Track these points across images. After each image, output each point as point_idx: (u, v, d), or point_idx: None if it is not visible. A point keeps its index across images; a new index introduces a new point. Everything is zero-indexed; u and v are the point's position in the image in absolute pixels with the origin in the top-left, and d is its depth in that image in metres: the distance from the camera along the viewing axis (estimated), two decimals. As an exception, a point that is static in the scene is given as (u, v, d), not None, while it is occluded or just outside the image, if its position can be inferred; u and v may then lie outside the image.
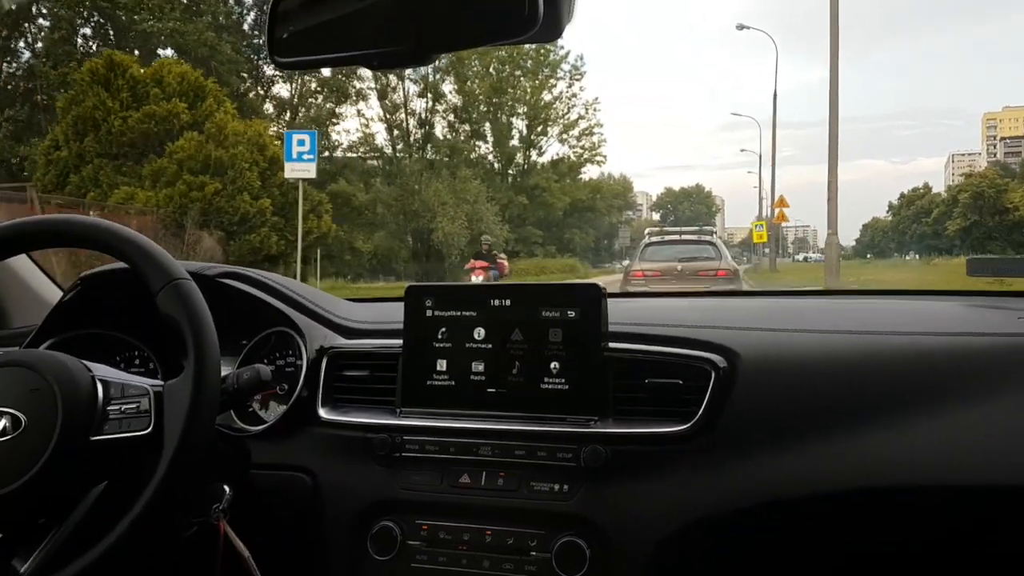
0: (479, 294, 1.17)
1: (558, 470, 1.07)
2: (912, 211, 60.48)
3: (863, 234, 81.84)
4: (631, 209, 67.96)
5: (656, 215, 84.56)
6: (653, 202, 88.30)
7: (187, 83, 18.03)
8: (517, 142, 38.11)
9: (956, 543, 1.06)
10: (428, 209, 27.98)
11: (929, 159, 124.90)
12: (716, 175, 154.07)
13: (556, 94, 37.76)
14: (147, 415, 0.92)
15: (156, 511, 0.87)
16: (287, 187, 17.35)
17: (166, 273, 0.95)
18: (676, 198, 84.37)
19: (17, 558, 0.89)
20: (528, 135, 38.13)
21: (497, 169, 37.81)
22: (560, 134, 38.89)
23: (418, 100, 33.83)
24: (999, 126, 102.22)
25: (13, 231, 1.02)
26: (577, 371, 1.11)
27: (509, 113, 37.09)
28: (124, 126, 17.09)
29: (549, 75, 37.11)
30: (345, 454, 1.17)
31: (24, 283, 1.62)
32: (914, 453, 0.98)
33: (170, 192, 16.47)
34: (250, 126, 18.89)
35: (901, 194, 66.31)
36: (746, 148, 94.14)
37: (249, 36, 29.11)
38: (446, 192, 28.41)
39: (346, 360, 1.23)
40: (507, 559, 1.07)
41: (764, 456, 1.03)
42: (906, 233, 60.52)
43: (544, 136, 38.43)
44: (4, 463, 0.87)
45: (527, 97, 37.01)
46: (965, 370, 1.03)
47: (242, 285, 1.32)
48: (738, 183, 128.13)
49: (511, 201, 35.26)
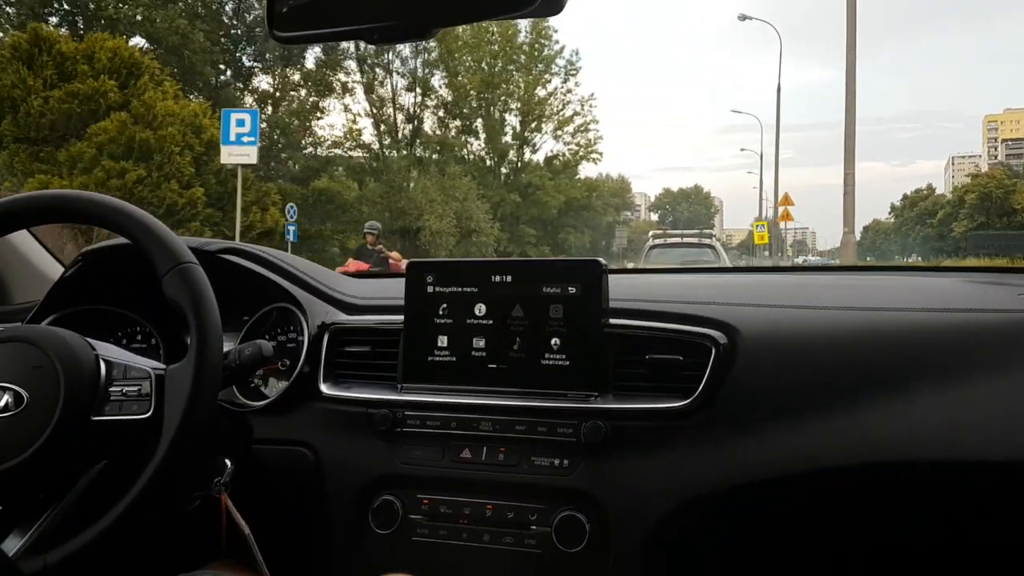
0: (480, 270, 1.17)
1: (558, 445, 1.08)
2: (916, 212, 59.52)
3: (863, 236, 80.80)
4: (629, 210, 66.82)
5: (654, 216, 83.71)
6: (651, 203, 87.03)
7: (119, 59, 16.01)
8: (510, 138, 36.99)
9: (957, 519, 1.06)
10: (415, 207, 26.97)
11: (928, 161, 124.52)
12: (715, 176, 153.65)
13: (551, 90, 36.85)
14: (148, 399, 0.92)
15: (154, 492, 0.87)
16: (226, 175, 15.58)
17: (173, 256, 0.95)
18: (674, 199, 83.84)
19: (15, 533, 0.90)
20: (521, 131, 37.00)
21: (489, 166, 36.60)
22: (555, 130, 37.82)
23: (407, 94, 32.60)
24: (1000, 128, 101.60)
25: (17, 205, 1.01)
26: (578, 347, 1.11)
27: (502, 109, 36.04)
28: (44, 107, 15.00)
29: (543, 70, 36.09)
30: (347, 429, 1.18)
31: (25, 259, 1.62)
32: (915, 429, 0.99)
33: (86, 180, 14.27)
34: (185, 106, 16.90)
35: (904, 195, 65.35)
36: (746, 148, 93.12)
37: (228, 26, 27.14)
38: (434, 189, 27.47)
39: (347, 336, 1.24)
40: (507, 533, 1.08)
41: (765, 432, 1.03)
42: (909, 235, 59.62)
43: (538, 133, 37.45)
44: (5, 439, 0.87)
45: (520, 92, 35.98)
46: (966, 346, 1.03)
47: (243, 261, 1.32)
48: (737, 184, 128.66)
49: (503, 199, 34.20)
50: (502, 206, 33.74)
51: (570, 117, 37.58)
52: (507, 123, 36.70)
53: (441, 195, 27.27)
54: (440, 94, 33.86)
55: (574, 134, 38.14)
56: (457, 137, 34.90)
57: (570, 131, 38.07)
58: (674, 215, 79.96)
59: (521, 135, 37.05)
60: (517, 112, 36.49)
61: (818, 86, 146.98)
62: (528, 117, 36.55)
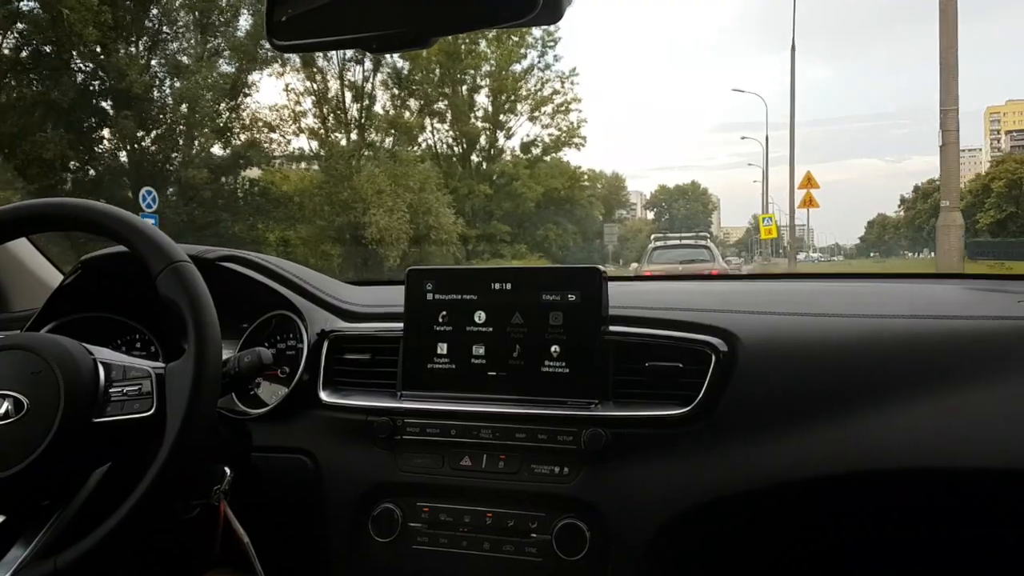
0: (480, 278, 1.17)
1: (559, 453, 1.08)
2: (929, 204, 53.70)
3: (868, 231, 76.74)
4: (624, 208, 64.61)
5: (650, 214, 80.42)
6: (647, 200, 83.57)
7: None
8: (480, 122, 31.26)
9: (955, 527, 1.06)
10: (360, 199, 21.59)
11: (923, 157, 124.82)
12: (711, 175, 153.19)
13: (526, 66, 31.09)
14: (149, 397, 0.92)
15: (159, 493, 0.87)
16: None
17: (165, 256, 0.95)
18: (671, 196, 79.57)
19: (20, 540, 0.90)
20: (494, 114, 31.35)
21: (457, 153, 31.33)
22: (531, 111, 31.96)
23: (356, 67, 25.60)
24: (1003, 120, 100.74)
25: (11, 215, 1.02)
26: (578, 354, 1.11)
27: (471, 86, 30.67)
28: None
29: (518, 43, 30.14)
30: (346, 437, 1.17)
31: (24, 266, 1.62)
32: (915, 437, 0.98)
33: None
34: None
35: (915, 187, 60.57)
36: (748, 136, 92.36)
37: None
38: (384, 178, 22.22)
39: (347, 343, 1.24)
40: (507, 541, 1.08)
41: (764, 439, 1.03)
42: (923, 228, 53.97)
43: (512, 114, 31.71)
44: (7, 446, 0.87)
45: (491, 68, 30.63)
46: (966, 353, 1.03)
47: (242, 268, 1.32)
48: (734, 183, 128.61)
49: (472, 191, 29.34)
50: (470, 199, 29.21)
51: (549, 96, 31.80)
52: (477, 104, 30.99)
53: (392, 185, 21.99)
54: (396, 66, 27.57)
55: (553, 115, 32.34)
56: (420, 115, 28.93)
57: (549, 112, 32.26)
58: (670, 213, 76.50)
59: (493, 117, 31.40)
60: (488, 91, 31.00)
61: (815, 84, 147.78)
62: (501, 96, 30.84)
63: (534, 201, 31.94)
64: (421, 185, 22.95)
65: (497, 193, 30.73)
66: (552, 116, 32.44)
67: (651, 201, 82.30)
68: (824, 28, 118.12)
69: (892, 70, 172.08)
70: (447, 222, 23.61)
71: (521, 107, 31.93)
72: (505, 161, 31.91)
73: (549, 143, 33.17)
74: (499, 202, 30.78)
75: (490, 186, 30.53)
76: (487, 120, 31.57)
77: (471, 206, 29.14)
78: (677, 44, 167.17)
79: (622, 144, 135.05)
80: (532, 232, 32.52)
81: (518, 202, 31.20)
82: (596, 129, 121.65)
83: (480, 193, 29.68)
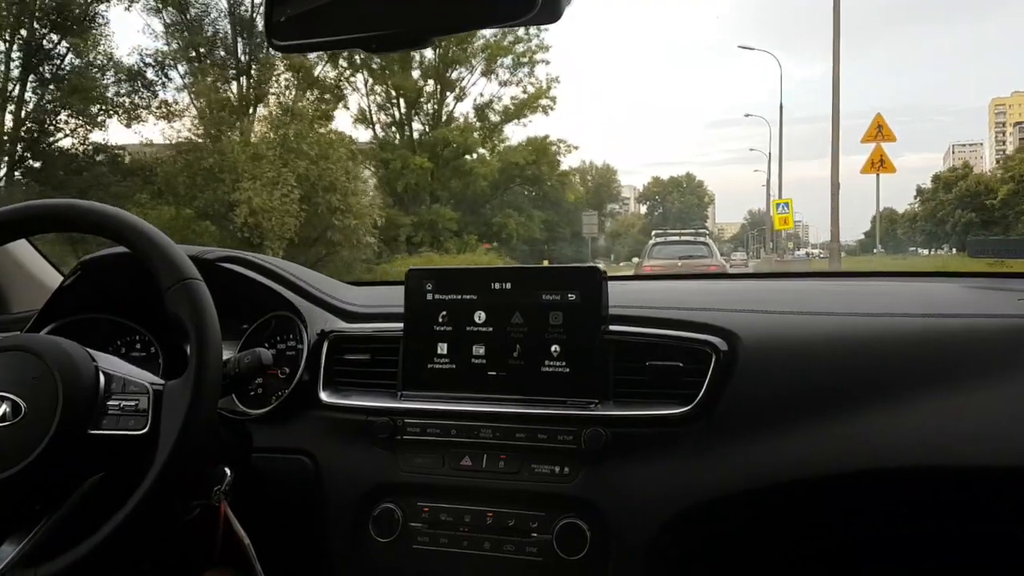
0: (479, 277, 1.17)
1: (559, 452, 1.08)
2: (955, 195, 47.17)
3: (874, 226, 74.63)
4: (616, 202, 60.86)
5: (643, 208, 75.78)
6: (640, 193, 78.46)
7: None
8: (421, 77, 24.20)
9: (959, 524, 1.06)
10: (228, 168, 15.29)
11: (916, 154, 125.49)
12: (706, 171, 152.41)
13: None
14: (145, 415, 0.91)
15: (149, 507, 0.87)
16: None
17: (177, 271, 0.95)
18: (664, 188, 73.78)
19: (7, 544, 0.89)
20: (438, 66, 24.17)
21: (396, 118, 24.57)
22: (487, 65, 24.65)
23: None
24: (1008, 112, 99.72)
25: (16, 215, 1.01)
26: (577, 354, 1.11)
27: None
28: None
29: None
30: (346, 437, 1.17)
31: (24, 268, 1.62)
32: (916, 435, 0.98)
33: None
34: None
35: (935, 176, 53.78)
36: (752, 113, 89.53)
37: None
38: (264, 141, 16.21)
39: (347, 344, 1.24)
40: (508, 541, 1.08)
41: (766, 438, 1.03)
42: (947, 221, 47.07)
43: (464, 67, 24.65)
44: (2, 448, 0.87)
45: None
46: (968, 352, 1.03)
47: (242, 269, 1.31)
48: (729, 179, 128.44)
49: (406, 164, 22.67)
50: (405, 175, 22.68)
51: (510, 45, 24.47)
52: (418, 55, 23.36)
53: (275, 149, 15.74)
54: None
55: (515, 68, 24.81)
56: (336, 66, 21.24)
57: (508, 64, 24.72)
58: (664, 206, 71.35)
59: (438, 70, 24.38)
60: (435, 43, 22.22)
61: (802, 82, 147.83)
62: (447, 44, 23.05)
63: (488, 179, 24.79)
64: (323, 152, 16.27)
65: (441, 169, 23.77)
66: (513, 70, 24.88)
67: (644, 194, 77.48)
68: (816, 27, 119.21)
69: (892, 68, 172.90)
70: (359, 203, 16.89)
71: (476, 60, 24.67)
72: (453, 127, 24.58)
73: (511, 107, 25.47)
74: (444, 180, 24.07)
75: (431, 159, 23.50)
76: (431, 75, 24.28)
77: (405, 184, 22.66)
78: (672, 41, 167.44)
79: (616, 143, 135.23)
80: (488, 220, 25.52)
81: (468, 181, 24.16)
82: (591, 128, 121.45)
83: (417, 167, 22.51)
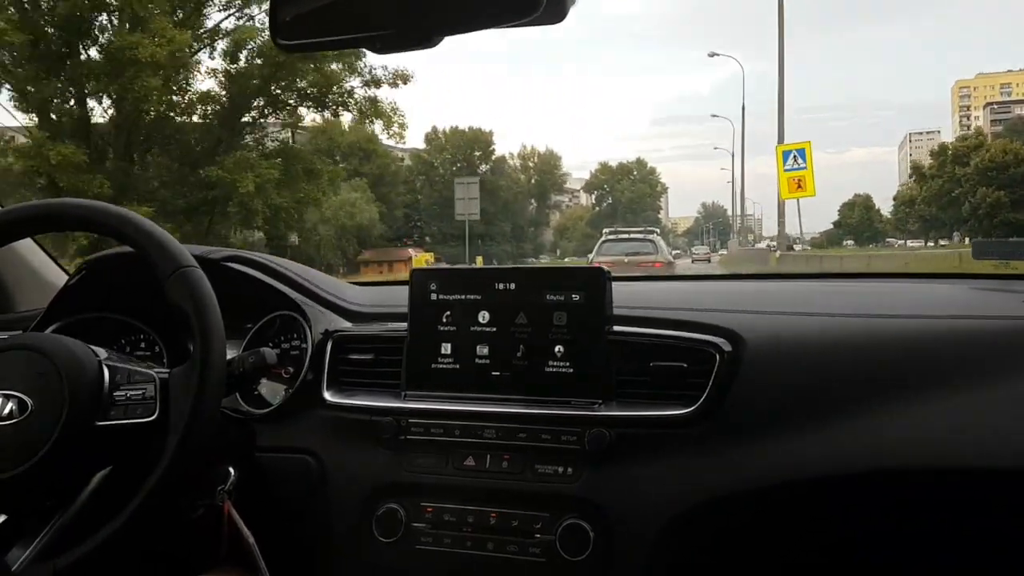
0: (483, 278, 1.17)
1: (562, 453, 1.08)
2: (973, 169, 38.37)
3: (847, 214, 59.97)
4: (562, 194, 58.48)
5: (592, 198, 69.33)
6: (587, 182, 70.76)
7: None
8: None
9: (961, 525, 1.06)
10: None
11: (861, 149, 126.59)
12: (658, 168, 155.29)
13: None
14: (152, 402, 0.92)
15: (161, 497, 0.87)
16: None
17: (174, 260, 0.95)
18: (613, 176, 65.50)
19: (21, 542, 0.90)
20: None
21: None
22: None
23: None
24: (974, 95, 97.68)
25: (17, 215, 1.02)
26: (581, 354, 1.11)
27: None
28: None
29: None
30: (350, 437, 1.17)
31: (29, 266, 1.62)
32: (919, 436, 0.98)
33: None
34: None
35: (940, 146, 46.07)
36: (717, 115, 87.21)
37: None
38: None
39: (351, 343, 1.24)
40: (511, 541, 1.08)
41: (769, 439, 1.03)
42: (962, 202, 38.67)
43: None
44: (10, 446, 0.87)
45: None
46: (970, 353, 1.03)
47: (247, 269, 1.32)
48: (681, 175, 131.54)
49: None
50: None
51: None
52: None
53: None
54: None
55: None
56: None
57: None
58: (613, 196, 63.94)
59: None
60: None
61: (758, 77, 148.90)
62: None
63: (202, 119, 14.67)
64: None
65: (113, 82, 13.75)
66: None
67: (591, 183, 69.17)
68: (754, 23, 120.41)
69: (835, 64, 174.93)
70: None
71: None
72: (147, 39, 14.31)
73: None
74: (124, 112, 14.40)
75: (102, 54, 13.97)
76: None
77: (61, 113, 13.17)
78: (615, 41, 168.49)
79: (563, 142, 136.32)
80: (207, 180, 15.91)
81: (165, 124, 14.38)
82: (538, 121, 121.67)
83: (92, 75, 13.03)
